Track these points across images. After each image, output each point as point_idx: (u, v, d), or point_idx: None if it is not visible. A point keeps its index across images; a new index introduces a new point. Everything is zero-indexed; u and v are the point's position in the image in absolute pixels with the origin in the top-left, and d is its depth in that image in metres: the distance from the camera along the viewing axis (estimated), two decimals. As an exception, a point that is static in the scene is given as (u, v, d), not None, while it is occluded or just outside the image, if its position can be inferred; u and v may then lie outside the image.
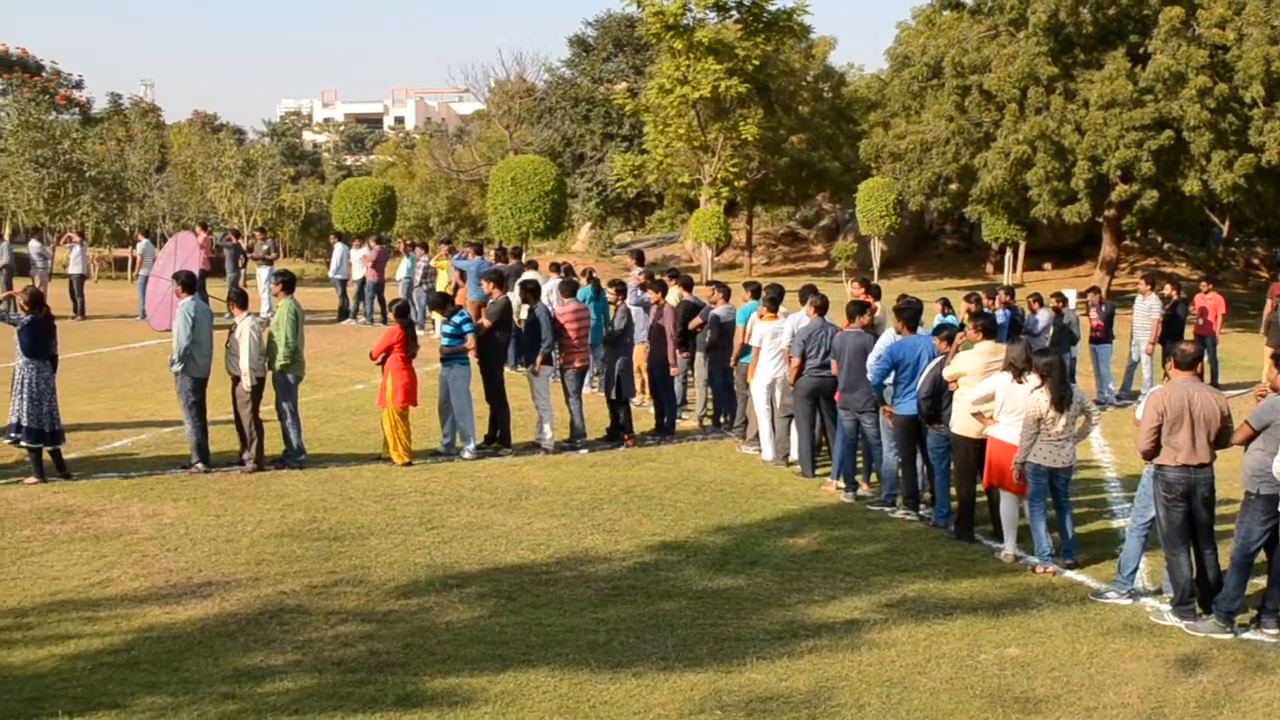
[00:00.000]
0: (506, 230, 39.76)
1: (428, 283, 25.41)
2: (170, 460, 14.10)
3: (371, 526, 11.37)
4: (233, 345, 13.57)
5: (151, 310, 26.73)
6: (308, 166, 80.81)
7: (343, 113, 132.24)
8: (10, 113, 46.11)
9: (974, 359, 11.51)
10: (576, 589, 9.67)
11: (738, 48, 43.26)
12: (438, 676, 7.73)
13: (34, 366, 12.81)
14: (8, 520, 11.39)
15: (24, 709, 7.09)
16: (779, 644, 8.50)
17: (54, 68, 61.87)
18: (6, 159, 41.24)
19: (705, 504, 12.59)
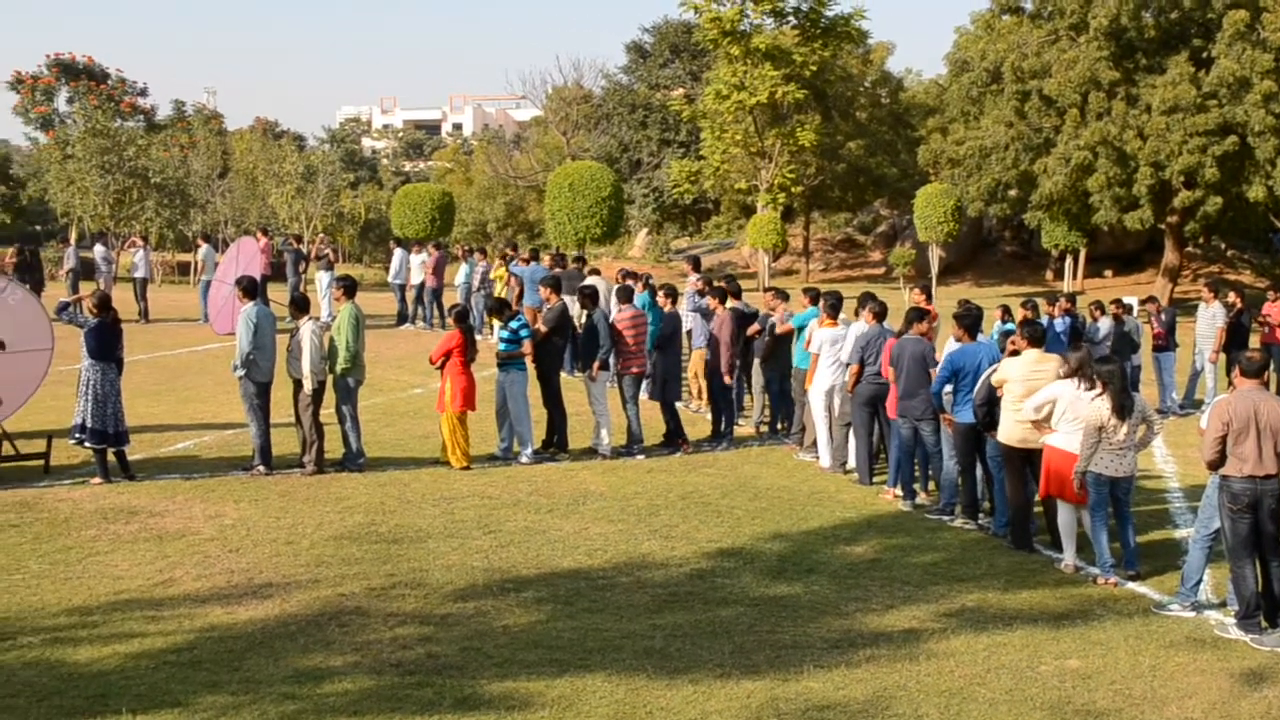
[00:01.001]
0: (564, 236, 39.89)
1: (486, 288, 25.54)
2: (232, 462, 14.26)
3: (430, 530, 11.44)
4: (294, 349, 13.70)
5: (214, 314, 27.04)
6: (366, 173, 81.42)
7: (401, 119, 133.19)
8: (77, 120, 46.81)
9: (1018, 367, 11.41)
10: (633, 594, 9.68)
11: (795, 53, 43.19)
12: (495, 680, 7.76)
13: (99, 369, 12.99)
14: (74, 520, 11.56)
15: (89, 706, 7.19)
16: (836, 652, 8.47)
17: (119, 75, 62.72)
18: (73, 165, 41.87)
19: (762, 511, 12.57)
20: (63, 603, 9.20)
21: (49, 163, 49.11)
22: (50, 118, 59.43)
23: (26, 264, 27.91)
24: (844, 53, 47.92)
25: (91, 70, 61.45)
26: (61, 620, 8.81)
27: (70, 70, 60.81)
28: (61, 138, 49.66)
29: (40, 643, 8.28)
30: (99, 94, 56.45)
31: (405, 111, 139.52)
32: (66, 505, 12.15)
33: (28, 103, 59.87)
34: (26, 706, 7.16)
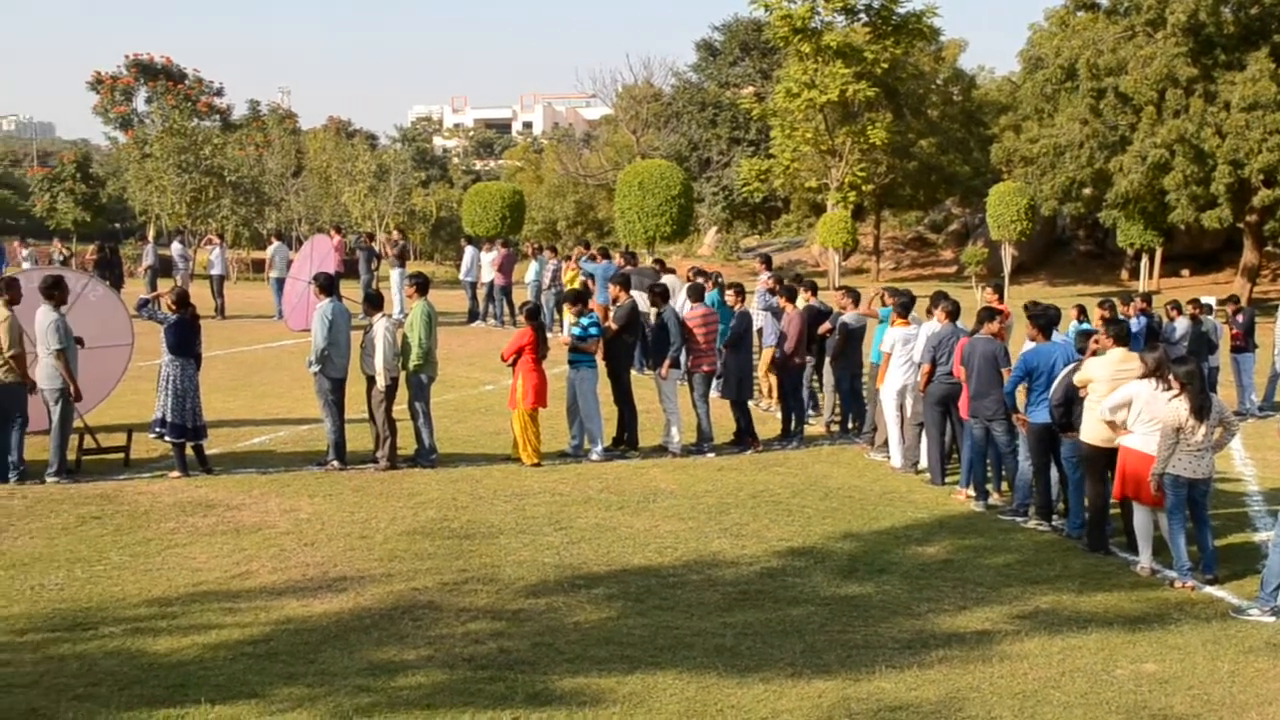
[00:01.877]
0: (633, 234, 39.96)
1: (556, 285, 25.65)
2: (306, 457, 14.43)
3: (501, 526, 11.52)
4: (367, 346, 13.84)
5: (288, 311, 27.37)
6: (437, 171, 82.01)
7: (472, 118, 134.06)
8: (155, 120, 47.60)
9: (1103, 366, 11.28)
10: (704, 592, 9.69)
11: (866, 51, 42.95)
12: (566, 676, 7.79)
13: (179, 364, 13.20)
14: (153, 513, 11.76)
15: (168, 695, 7.30)
16: (908, 653, 8.42)
17: (196, 76, 63.71)
18: (151, 164, 42.59)
19: (833, 510, 12.53)
20: (143, 593, 9.36)
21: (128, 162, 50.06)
22: (129, 117, 60.47)
23: (106, 261, 28.45)
24: (916, 50, 47.59)
25: (169, 70, 62.43)
26: (142, 611, 8.96)
27: (149, 71, 61.81)
28: (140, 137, 50.58)
29: (121, 632, 8.43)
30: (177, 94, 57.38)
31: (476, 110, 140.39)
32: (146, 498, 12.36)
33: (107, 103, 60.97)
34: (108, 695, 7.28)
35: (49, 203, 55.59)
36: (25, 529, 11.10)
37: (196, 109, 57.19)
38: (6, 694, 7.23)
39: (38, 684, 7.41)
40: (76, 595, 9.27)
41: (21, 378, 12.94)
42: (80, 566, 9.97)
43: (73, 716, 6.96)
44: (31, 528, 11.15)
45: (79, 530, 11.11)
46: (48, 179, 57.84)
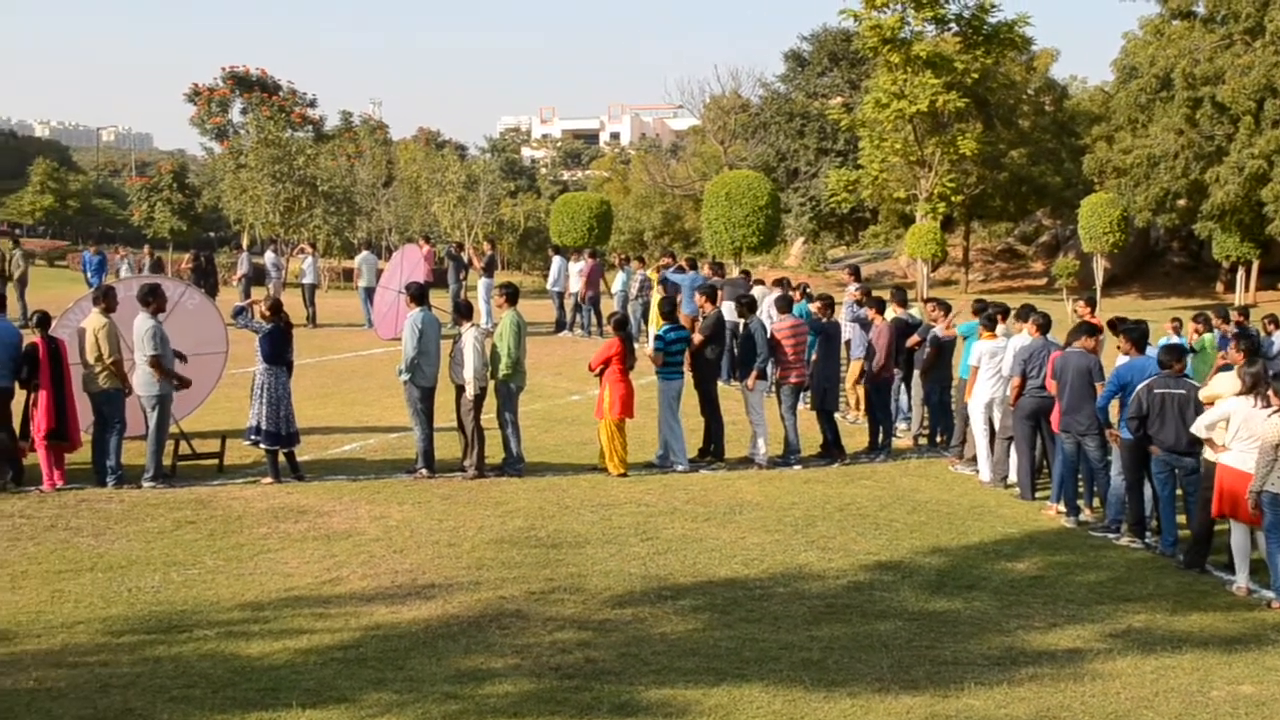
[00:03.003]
0: (720, 245, 39.89)
1: (643, 296, 25.68)
2: (396, 465, 14.59)
3: (588, 535, 11.55)
4: (457, 355, 13.97)
5: (378, 320, 27.70)
6: (525, 181, 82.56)
7: (560, 129, 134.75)
8: (250, 130, 48.40)
9: (1234, 380, 11.03)
10: (790, 605, 9.65)
11: (956, 61, 42.50)
12: (652, 687, 7.79)
13: (273, 372, 13.42)
14: (246, 518, 11.96)
15: (260, 698, 7.40)
16: (998, 670, 8.32)
17: (290, 87, 64.63)
18: (246, 174, 43.31)
19: (921, 524, 12.42)
20: (236, 598, 9.51)
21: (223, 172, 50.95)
22: (225, 128, 61.51)
23: (202, 269, 28.99)
24: (1007, 60, 47.05)
25: (264, 82, 63.42)
26: (235, 615, 9.11)
27: (244, 82, 62.85)
28: (235, 148, 51.42)
29: (215, 635, 8.57)
30: (271, 105, 58.27)
31: (564, 121, 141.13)
32: (239, 503, 12.57)
33: (204, 114, 62.09)
34: (203, 696, 7.41)
35: (147, 212, 56.71)
36: (123, 532, 11.34)
37: (290, 120, 58.04)
38: (105, 694, 7.39)
39: (135, 684, 7.56)
40: (172, 598, 9.45)
41: (120, 384, 13.24)
42: (176, 570, 10.16)
43: (168, 717, 7.08)
44: (129, 531, 11.38)
45: (174, 534, 11.32)
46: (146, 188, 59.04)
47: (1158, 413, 11.39)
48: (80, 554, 10.60)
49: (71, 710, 7.13)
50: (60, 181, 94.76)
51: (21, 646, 8.29)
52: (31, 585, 9.67)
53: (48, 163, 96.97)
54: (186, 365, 13.99)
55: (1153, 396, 11.44)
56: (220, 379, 16.05)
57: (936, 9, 42.51)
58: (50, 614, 8.99)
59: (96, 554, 10.60)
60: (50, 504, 12.39)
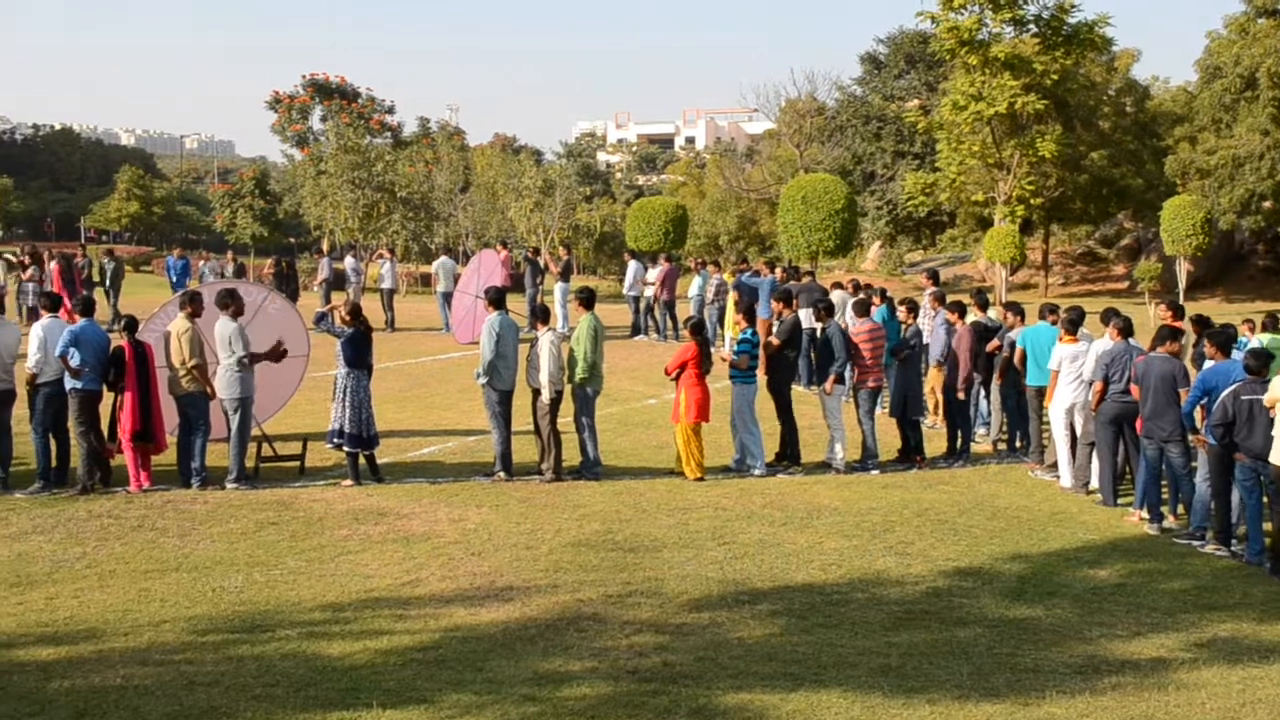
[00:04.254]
0: (796, 249, 39.78)
1: (719, 300, 25.67)
2: (474, 468, 14.70)
3: (665, 539, 11.56)
4: (534, 359, 14.04)
5: (455, 324, 27.91)
6: (601, 186, 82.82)
7: (635, 133, 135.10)
8: (330, 137, 48.96)
9: None
10: (868, 611, 9.59)
11: (1035, 62, 42.05)
12: (730, 691, 7.78)
13: (355, 376, 13.58)
14: (327, 520, 12.10)
15: (341, 699, 7.48)
16: (1080, 678, 8.21)
17: (369, 94, 65.34)
18: (326, 181, 43.82)
19: (1000, 530, 12.29)
20: (317, 598, 9.63)
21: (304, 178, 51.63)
22: (305, 135, 62.33)
23: (283, 275, 29.39)
24: (1087, 60, 46.46)
25: (344, 89, 64.18)
26: (316, 615, 9.22)
27: (324, 90, 63.64)
28: (315, 154, 52.12)
29: (297, 635, 8.67)
30: (350, 112, 58.93)
31: (639, 126, 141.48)
32: (320, 505, 12.72)
33: (285, 121, 62.93)
34: (285, 696, 7.50)
35: (229, 218, 57.66)
36: (207, 533, 11.53)
37: (369, 127, 58.67)
38: (190, 692, 7.51)
39: (218, 683, 7.67)
40: (255, 598, 9.58)
41: (204, 387, 13.47)
42: (258, 570, 10.31)
43: (251, 715, 7.18)
44: (213, 532, 11.57)
45: (257, 535, 11.49)
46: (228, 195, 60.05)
47: (1245, 419, 11.19)
48: (166, 554, 10.79)
49: (158, 707, 7.25)
50: (145, 188, 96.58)
51: (110, 644, 8.45)
52: (119, 584, 9.86)
53: (133, 170, 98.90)
54: (268, 369, 14.19)
55: (1239, 403, 11.24)
56: (301, 382, 16.26)
57: (1015, 10, 42.11)
58: (137, 612, 9.16)
59: (182, 554, 10.78)
60: (137, 505, 12.62)
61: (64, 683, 7.65)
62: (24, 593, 9.61)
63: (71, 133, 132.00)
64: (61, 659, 8.12)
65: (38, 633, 8.68)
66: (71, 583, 9.89)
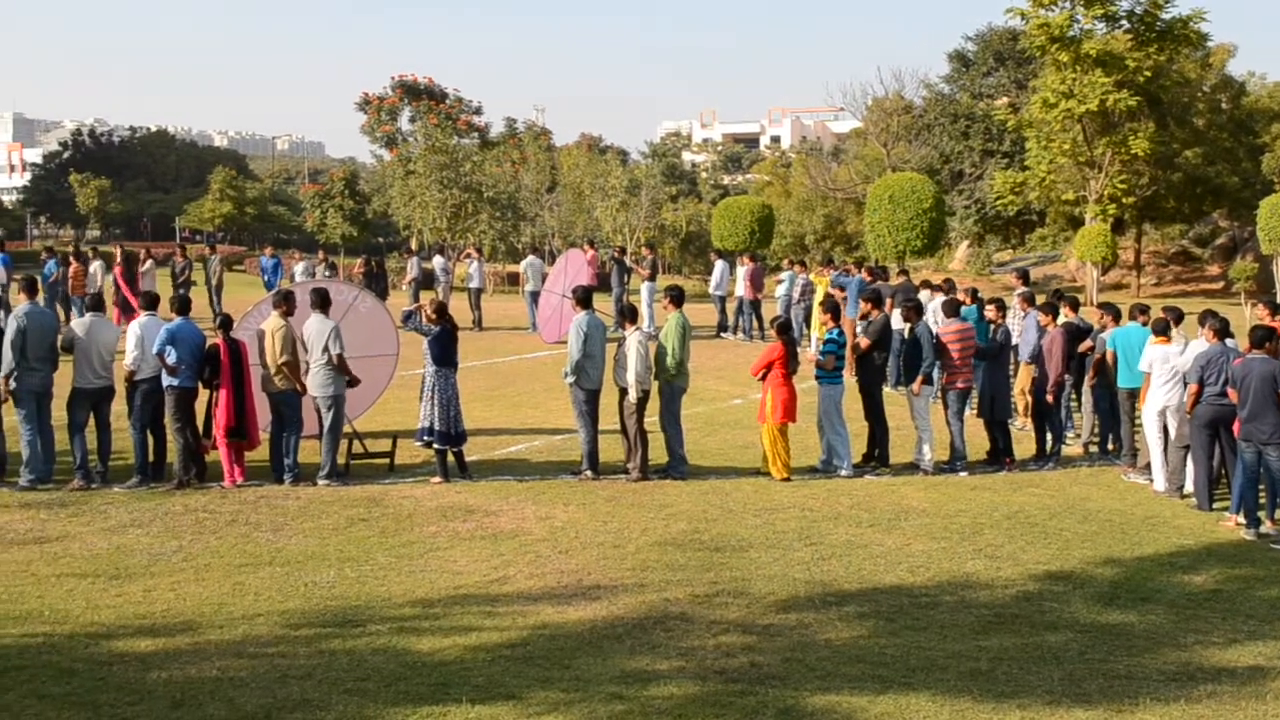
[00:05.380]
0: (883, 248, 39.53)
1: (805, 300, 25.58)
2: (560, 466, 14.78)
3: (751, 539, 11.54)
4: (621, 358, 14.08)
5: (542, 323, 28.07)
6: (686, 186, 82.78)
7: (720, 133, 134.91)
8: (418, 138, 49.48)
9: None
10: (957, 614, 9.50)
11: (1128, 59, 41.41)
12: (817, 693, 7.75)
13: (442, 374, 13.71)
14: (416, 516, 12.24)
15: (431, 694, 7.57)
16: (1174, 686, 8.07)
17: (457, 95, 65.88)
18: (414, 181, 44.25)
19: (1092, 534, 12.11)
20: (407, 594, 9.74)
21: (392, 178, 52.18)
22: (394, 136, 63.01)
23: (372, 274, 29.71)
24: (1181, 56, 45.62)
25: (432, 91, 64.77)
26: (406, 610, 9.33)
27: (413, 91, 64.28)
28: (404, 155, 52.64)
29: (387, 631, 8.79)
30: (438, 113, 59.45)
31: (724, 125, 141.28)
32: (409, 502, 12.87)
33: (374, 122, 63.68)
34: (376, 690, 7.61)
35: (319, 218, 58.36)
36: (299, 528, 11.71)
37: (457, 127, 59.14)
38: (283, 684, 7.64)
39: (311, 676, 7.80)
40: (346, 593, 9.72)
41: (296, 384, 13.67)
42: (349, 566, 10.45)
43: (343, 709, 7.29)
44: (305, 527, 11.75)
45: (348, 531, 11.65)
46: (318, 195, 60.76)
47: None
48: (259, 548, 10.98)
49: (252, 699, 7.38)
50: (238, 189, 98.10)
51: (205, 636, 8.62)
52: (214, 578, 10.05)
53: (226, 171, 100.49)
54: (358, 367, 14.37)
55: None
56: (391, 380, 16.44)
57: (1107, 6, 41.53)
58: (232, 606, 9.33)
59: (275, 549, 10.97)
60: (231, 500, 12.86)
61: (161, 674, 7.82)
62: (122, 585, 9.84)
63: (167, 134, 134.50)
64: (159, 650, 8.30)
65: (136, 624, 8.88)
66: (168, 575, 10.10)
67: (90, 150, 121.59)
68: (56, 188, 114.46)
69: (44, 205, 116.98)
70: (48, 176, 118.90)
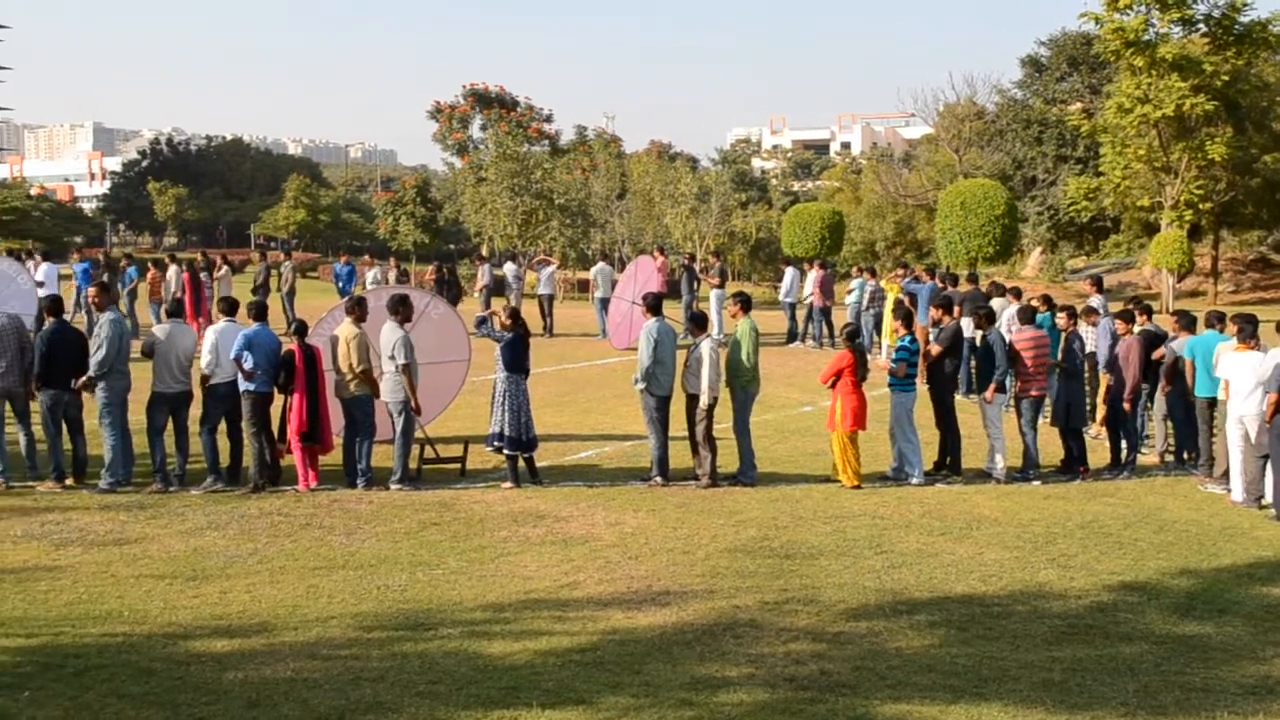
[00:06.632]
0: (955, 255, 39.25)
1: (875, 307, 25.46)
2: (630, 472, 14.81)
3: (821, 547, 11.51)
4: (692, 365, 14.09)
5: (612, 330, 28.14)
6: (756, 192, 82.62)
7: (790, 139, 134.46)
8: (489, 146, 49.79)
9: None
10: (1030, 624, 9.41)
11: (1205, 63, 40.77)
12: (888, 701, 7.72)
13: (514, 380, 13.81)
14: (487, 521, 12.33)
15: (502, 697, 7.62)
16: (1253, 699, 7.94)
17: (527, 103, 66.17)
18: (486, 188, 44.54)
19: (1168, 544, 11.95)
20: (478, 598, 9.81)
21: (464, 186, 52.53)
22: (465, 144, 63.40)
23: (445, 280, 29.92)
24: (1260, 60, 44.87)
25: (503, 99, 65.11)
26: (477, 615, 9.40)
27: (484, 99, 64.65)
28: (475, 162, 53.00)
29: (459, 634, 8.86)
30: (509, 121, 59.78)
31: (794, 131, 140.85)
32: (480, 507, 12.96)
33: (445, 130, 64.11)
34: (447, 693, 7.68)
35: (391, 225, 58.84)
36: (372, 532, 11.84)
37: (527, 135, 59.40)
38: (356, 686, 7.73)
39: (384, 678, 7.89)
40: (418, 596, 9.81)
41: (370, 390, 13.82)
42: (421, 570, 10.55)
43: (415, 711, 7.36)
44: (378, 531, 11.87)
45: (420, 535, 11.76)
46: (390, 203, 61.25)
47: None
48: (333, 552, 11.11)
49: (326, 700, 7.48)
50: (311, 197, 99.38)
51: (280, 638, 8.74)
52: (289, 580, 10.19)
53: (300, 179, 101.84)
54: (430, 373, 14.50)
55: None
56: (463, 386, 16.56)
57: (1184, 10, 40.90)
58: (306, 608, 9.45)
59: (348, 552, 11.09)
60: (305, 503, 13.02)
61: (237, 674, 7.95)
62: (199, 586, 10.00)
63: (242, 143, 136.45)
64: (235, 651, 8.43)
65: (212, 625, 9.02)
66: (244, 577, 10.25)
67: (168, 159, 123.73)
68: (135, 196, 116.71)
69: (123, 213, 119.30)
70: (127, 185, 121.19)
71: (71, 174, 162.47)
